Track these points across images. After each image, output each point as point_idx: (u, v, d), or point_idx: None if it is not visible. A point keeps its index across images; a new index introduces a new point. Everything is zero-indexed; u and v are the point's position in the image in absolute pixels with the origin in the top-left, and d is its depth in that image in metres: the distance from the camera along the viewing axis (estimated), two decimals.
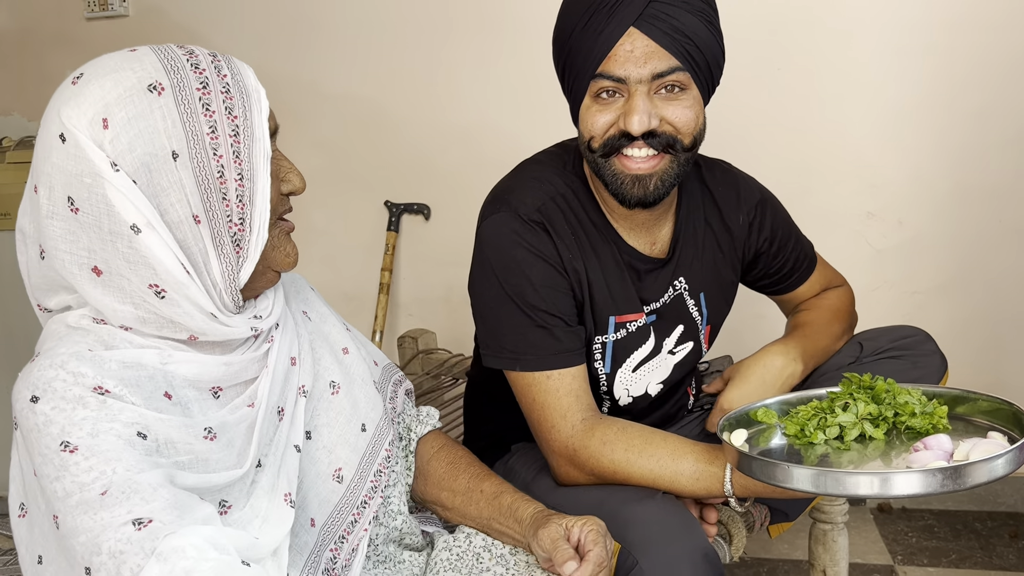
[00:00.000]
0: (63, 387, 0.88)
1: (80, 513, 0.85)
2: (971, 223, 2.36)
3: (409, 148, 2.67)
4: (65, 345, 0.92)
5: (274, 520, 0.98)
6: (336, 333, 1.20)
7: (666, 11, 1.21)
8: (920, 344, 1.48)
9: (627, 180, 1.26)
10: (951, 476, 0.99)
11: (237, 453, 0.98)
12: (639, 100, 1.21)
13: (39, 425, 0.87)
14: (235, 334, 0.99)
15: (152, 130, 0.91)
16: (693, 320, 1.44)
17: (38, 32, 2.90)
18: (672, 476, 1.25)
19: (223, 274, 0.96)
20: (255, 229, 0.97)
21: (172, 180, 0.92)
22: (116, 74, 0.92)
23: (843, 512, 1.71)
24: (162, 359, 0.95)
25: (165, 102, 0.92)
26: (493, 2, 2.54)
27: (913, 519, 2.44)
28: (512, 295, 1.28)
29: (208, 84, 0.94)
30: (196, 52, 0.97)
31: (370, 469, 1.14)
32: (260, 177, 0.96)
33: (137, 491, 0.85)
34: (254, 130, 0.96)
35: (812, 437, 1.17)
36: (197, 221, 0.94)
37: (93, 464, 0.85)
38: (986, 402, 1.19)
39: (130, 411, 0.89)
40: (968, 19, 2.28)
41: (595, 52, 1.23)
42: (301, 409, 1.07)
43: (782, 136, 2.43)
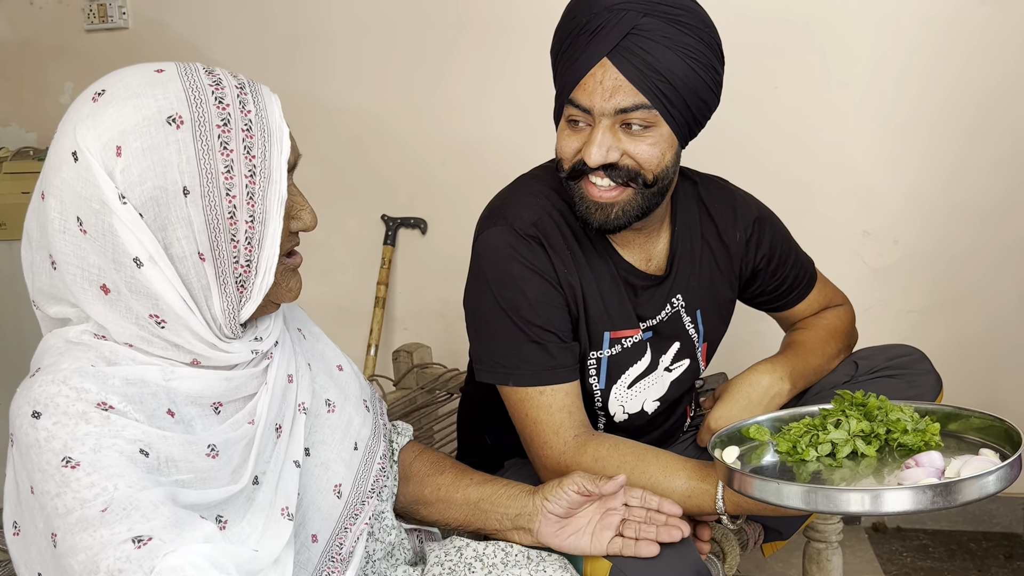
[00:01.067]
0: (66, 403, 0.87)
1: (80, 531, 0.83)
2: (966, 242, 2.37)
3: (406, 162, 2.67)
4: (67, 360, 0.91)
5: (271, 534, 0.97)
6: (330, 351, 1.20)
7: (643, 46, 1.20)
8: (915, 363, 1.48)
9: (590, 205, 1.26)
10: (942, 493, 0.99)
11: (233, 469, 0.97)
12: (599, 132, 1.21)
13: (40, 441, 0.86)
14: (236, 359, 0.98)
15: (165, 163, 0.90)
16: (690, 337, 1.44)
17: (38, 43, 2.91)
18: (664, 493, 1.24)
19: (223, 311, 0.95)
20: (261, 272, 0.95)
21: (180, 216, 0.91)
22: (137, 99, 0.90)
23: (837, 531, 1.70)
24: (165, 376, 0.93)
25: (183, 136, 0.90)
26: (492, 17, 2.55)
27: (908, 539, 2.43)
28: (507, 309, 1.28)
29: (229, 121, 0.92)
30: (223, 83, 0.94)
31: (365, 486, 1.14)
32: (272, 221, 0.94)
33: (138, 508, 0.84)
34: (271, 172, 0.93)
35: (804, 454, 1.17)
36: (202, 259, 0.92)
37: (95, 480, 0.84)
38: (978, 419, 1.19)
39: (133, 428, 0.88)
40: (962, 41, 2.29)
41: (569, 77, 1.24)
42: (301, 426, 1.06)
43: (778, 155, 2.43)
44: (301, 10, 2.68)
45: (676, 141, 1.26)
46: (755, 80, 2.38)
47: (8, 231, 2.46)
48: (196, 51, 2.77)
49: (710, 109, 1.29)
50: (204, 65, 0.97)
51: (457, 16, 2.58)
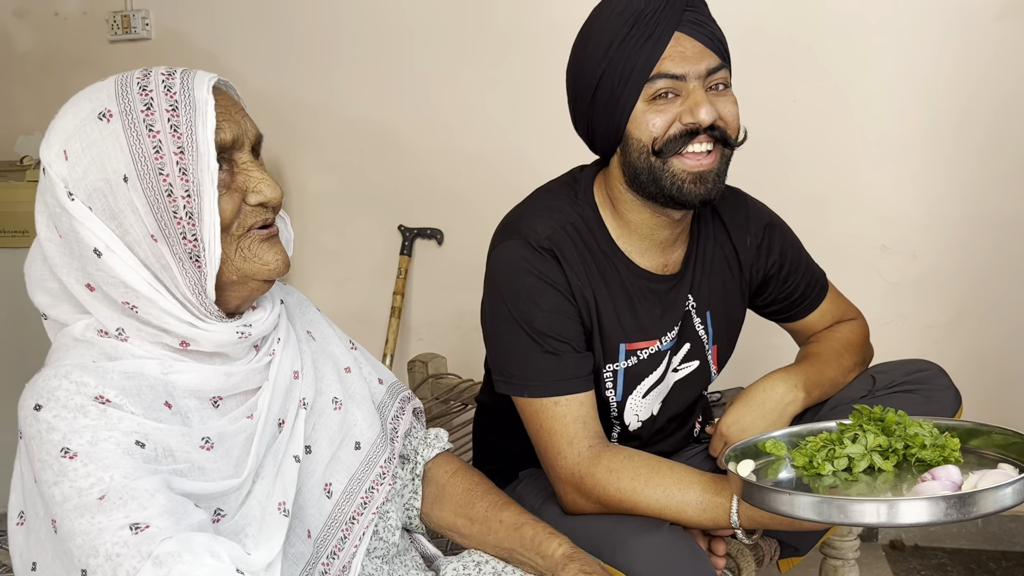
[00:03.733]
0: (65, 396, 0.90)
1: (78, 516, 0.86)
2: (985, 256, 2.35)
3: (423, 172, 2.68)
4: (70, 356, 0.95)
5: (268, 529, 0.99)
6: (339, 353, 1.22)
7: (699, 18, 1.29)
8: (934, 378, 1.46)
9: (687, 179, 1.28)
10: (956, 505, 0.98)
11: (235, 463, 0.99)
12: (700, 94, 1.26)
13: (41, 432, 0.89)
14: (221, 339, 0.99)
15: (103, 156, 0.94)
16: (699, 338, 1.44)
17: (62, 54, 2.95)
18: (678, 506, 1.24)
19: (190, 288, 0.97)
20: (207, 244, 0.97)
21: (126, 203, 0.95)
22: (76, 106, 0.97)
23: (854, 548, 1.69)
24: (163, 369, 0.97)
25: (113, 128, 0.94)
26: (509, 28, 2.57)
27: (926, 557, 2.40)
28: (520, 321, 1.29)
29: (152, 104, 0.95)
30: (151, 73, 0.98)
31: (361, 487, 1.14)
32: (206, 192, 0.96)
33: (135, 497, 0.87)
34: (198, 145, 0.95)
35: (820, 468, 1.16)
36: (154, 240, 0.96)
37: (91, 470, 0.87)
38: (999, 435, 1.17)
39: (129, 420, 0.91)
40: (978, 55, 2.28)
41: (647, 57, 1.26)
42: (302, 421, 1.08)
43: (796, 169, 2.43)
44: (320, 22, 2.71)
45: None
46: (773, 94, 2.38)
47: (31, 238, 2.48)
48: (216, 61, 2.80)
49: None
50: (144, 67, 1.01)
51: (473, 27, 2.59)
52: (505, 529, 1.18)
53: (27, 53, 2.99)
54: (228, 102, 1.00)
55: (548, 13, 2.49)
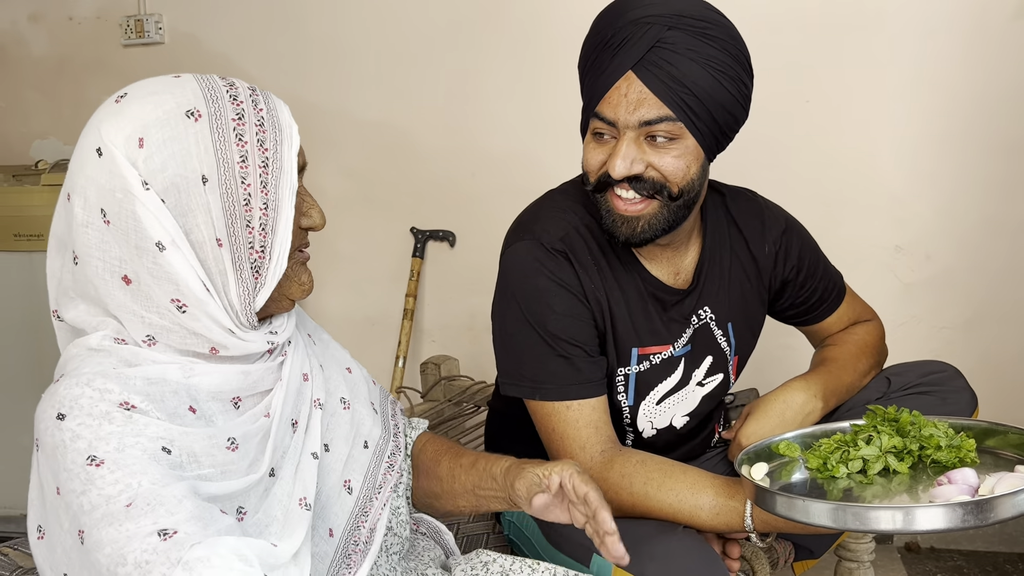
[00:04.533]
0: (89, 404, 0.89)
1: (106, 525, 0.85)
2: (1000, 258, 2.33)
3: (436, 175, 2.69)
4: (89, 365, 0.94)
5: (291, 524, 0.99)
6: (339, 354, 1.24)
7: (668, 59, 1.20)
8: (949, 380, 1.45)
9: (616, 219, 1.27)
10: (974, 511, 0.97)
11: (251, 461, 0.99)
12: (624, 145, 1.22)
13: (65, 441, 0.88)
14: (252, 348, 1.01)
15: (185, 153, 0.95)
16: (722, 351, 1.43)
17: (76, 59, 2.96)
18: (692, 510, 1.23)
19: (240, 297, 0.99)
20: (274, 257, 0.99)
21: (199, 203, 0.95)
22: (157, 96, 0.96)
23: (869, 551, 1.68)
24: (185, 373, 0.97)
25: (200, 128, 0.96)
26: (522, 31, 2.57)
27: (942, 559, 2.39)
28: (533, 324, 1.28)
29: (244, 116, 0.98)
30: (236, 84, 1.01)
31: (374, 483, 1.16)
32: (284, 208, 0.99)
33: (162, 503, 0.86)
34: (283, 163, 0.99)
35: (834, 471, 1.15)
36: (220, 244, 0.96)
37: (119, 477, 0.86)
38: (1016, 435, 1.16)
39: (155, 426, 0.91)
40: (995, 55, 2.27)
41: (595, 90, 1.24)
42: (317, 420, 1.09)
43: (810, 169, 2.42)
44: (333, 26, 2.71)
45: (702, 154, 1.26)
46: (787, 94, 2.37)
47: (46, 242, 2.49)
48: (230, 65, 2.81)
49: (738, 122, 1.29)
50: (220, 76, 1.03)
51: (488, 32, 2.59)
52: (463, 470, 1.20)
53: (42, 58, 3.01)
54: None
55: (563, 17, 2.49)
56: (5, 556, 1.53)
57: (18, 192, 2.55)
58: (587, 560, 1.25)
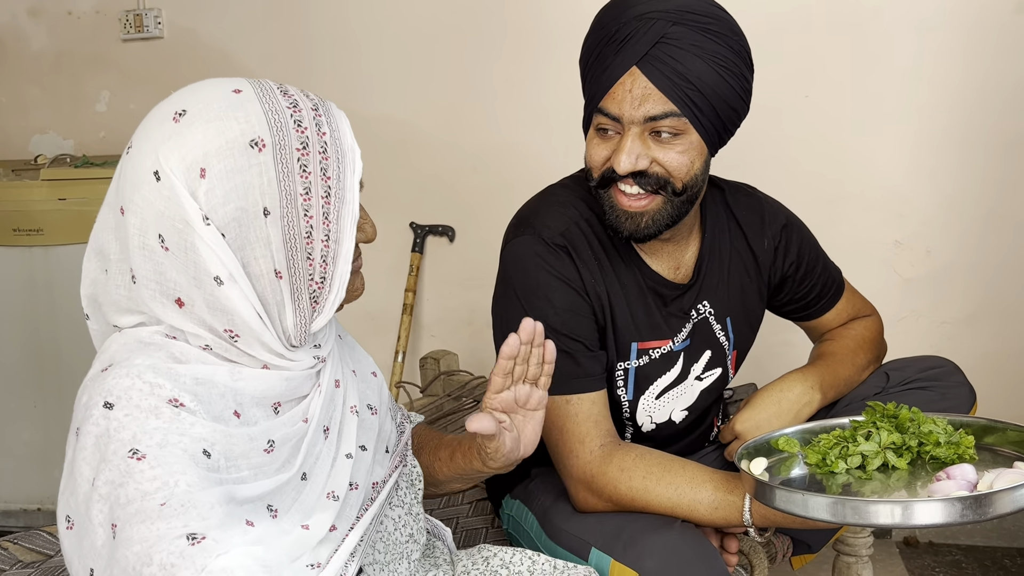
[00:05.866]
0: (139, 396, 0.88)
1: (138, 522, 0.85)
2: (1000, 253, 2.34)
3: (435, 170, 2.69)
4: (140, 357, 0.92)
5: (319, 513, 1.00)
6: (364, 358, 1.21)
7: (673, 54, 1.20)
8: (948, 375, 1.46)
9: (620, 214, 1.27)
10: (972, 506, 0.98)
11: (283, 461, 0.98)
12: (628, 140, 1.22)
13: (111, 430, 0.87)
14: (301, 367, 1.00)
15: (247, 186, 0.91)
16: (721, 345, 1.44)
17: (75, 53, 2.96)
18: (690, 504, 1.23)
19: (296, 325, 0.97)
20: (334, 288, 0.97)
21: (260, 235, 0.92)
22: (220, 122, 0.92)
23: (868, 545, 1.68)
24: (233, 376, 0.95)
25: (264, 159, 0.91)
26: (523, 26, 2.56)
27: (940, 554, 2.39)
28: (533, 316, 1.28)
29: (308, 144, 0.93)
30: (300, 105, 0.95)
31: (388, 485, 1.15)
32: (346, 239, 0.96)
33: (196, 506, 0.86)
34: (345, 192, 0.95)
35: (833, 466, 1.15)
36: (279, 276, 0.94)
37: (158, 474, 0.86)
38: (1014, 432, 1.17)
39: (201, 427, 0.89)
40: (996, 49, 2.26)
41: (599, 86, 1.24)
42: (352, 426, 1.08)
43: (810, 164, 2.42)
44: (333, 20, 2.71)
45: (705, 149, 1.26)
46: (786, 89, 2.37)
47: (45, 237, 2.49)
48: (230, 60, 2.81)
49: (740, 117, 1.29)
50: (276, 84, 0.98)
51: (487, 25, 2.59)
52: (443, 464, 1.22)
53: (41, 52, 3.01)
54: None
55: (565, 12, 2.48)
56: (5, 550, 1.53)
57: (17, 187, 2.54)
58: (585, 554, 1.25)
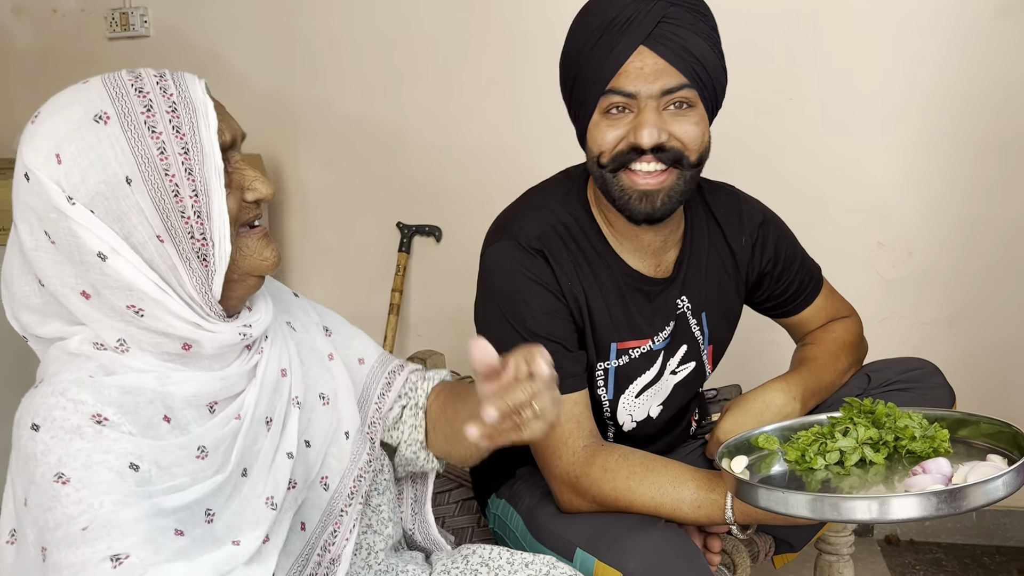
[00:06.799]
0: (62, 415, 0.89)
1: (64, 547, 0.86)
2: (980, 255, 2.36)
3: (422, 170, 2.69)
4: (67, 371, 0.93)
5: (253, 522, 0.99)
6: (319, 341, 1.20)
7: (675, 32, 1.24)
8: (928, 376, 1.48)
9: (634, 196, 1.27)
10: (947, 499, 0.99)
11: (219, 462, 0.98)
12: (649, 114, 1.24)
13: (38, 454, 0.88)
14: (225, 339, 0.99)
15: (103, 159, 0.93)
16: (695, 339, 1.45)
17: (60, 51, 2.95)
18: (673, 503, 1.25)
19: (196, 287, 0.97)
20: (216, 242, 0.97)
21: (130, 204, 0.93)
22: (65, 109, 0.94)
23: (849, 543, 1.70)
24: (161, 382, 0.96)
25: (112, 130, 0.93)
26: (507, 27, 2.57)
27: (921, 552, 2.42)
28: (512, 321, 1.30)
29: (152, 106, 0.95)
30: (142, 75, 0.97)
31: (349, 477, 1.15)
32: (215, 191, 0.96)
33: (118, 526, 0.86)
34: (203, 145, 0.96)
35: (812, 463, 1.17)
36: (160, 240, 0.95)
37: (83, 496, 0.86)
38: (987, 424, 1.19)
39: (125, 441, 0.90)
40: (978, 54, 2.29)
41: (606, 68, 1.25)
42: (294, 419, 1.08)
43: (794, 166, 2.44)
44: (320, 20, 2.71)
45: (707, 121, 1.30)
46: (771, 92, 2.39)
47: None
48: (216, 59, 2.80)
49: (724, 91, 1.33)
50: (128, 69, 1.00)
51: (472, 27, 2.60)
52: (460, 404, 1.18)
53: (26, 50, 2.99)
54: (217, 105, 1.00)
55: (547, 13, 2.49)
56: None
57: (4, 187, 2.52)
58: (570, 554, 1.26)
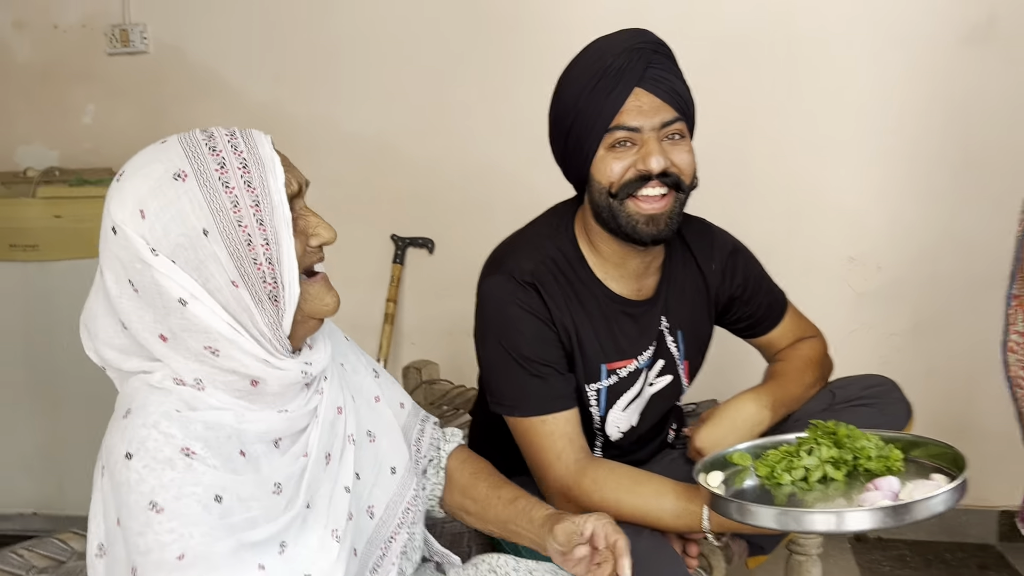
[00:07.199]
0: (155, 447, 0.99)
1: (156, 570, 0.96)
2: (946, 270, 2.48)
3: (416, 184, 2.78)
4: (154, 404, 1.03)
5: (323, 553, 1.10)
6: (367, 382, 1.32)
7: (660, 74, 1.41)
8: (888, 393, 1.61)
9: (641, 220, 1.41)
10: (892, 514, 1.14)
11: (289, 496, 1.09)
12: (654, 144, 1.40)
13: (131, 482, 0.98)
14: (289, 377, 1.09)
15: (182, 213, 1.03)
16: (672, 355, 1.59)
17: (61, 66, 2.99)
18: (657, 513, 1.38)
19: (268, 325, 1.07)
20: (286, 285, 1.07)
21: (207, 253, 1.03)
22: (147, 167, 1.05)
23: (817, 544, 1.83)
24: (238, 419, 1.06)
25: (189, 187, 1.03)
26: (502, 46, 2.66)
27: (888, 549, 2.56)
28: (508, 348, 1.43)
29: (225, 163, 1.05)
30: (215, 134, 1.07)
31: (398, 508, 1.26)
32: (284, 239, 1.06)
33: (208, 558, 0.96)
34: (272, 197, 1.05)
35: (780, 478, 1.30)
36: (235, 285, 1.04)
37: (174, 527, 0.96)
38: (935, 447, 1.33)
39: (211, 475, 1.00)
40: (946, 77, 2.41)
41: (607, 109, 1.40)
42: (350, 455, 1.19)
43: (770, 184, 2.55)
44: (317, 38, 2.78)
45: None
46: (746, 111, 2.49)
47: (40, 252, 2.57)
48: (214, 76, 2.87)
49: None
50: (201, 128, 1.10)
51: (466, 46, 2.69)
52: (503, 503, 1.32)
53: (26, 64, 3.02)
54: (283, 158, 1.10)
55: (540, 36, 2.59)
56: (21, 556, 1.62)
57: (13, 204, 2.60)
58: None
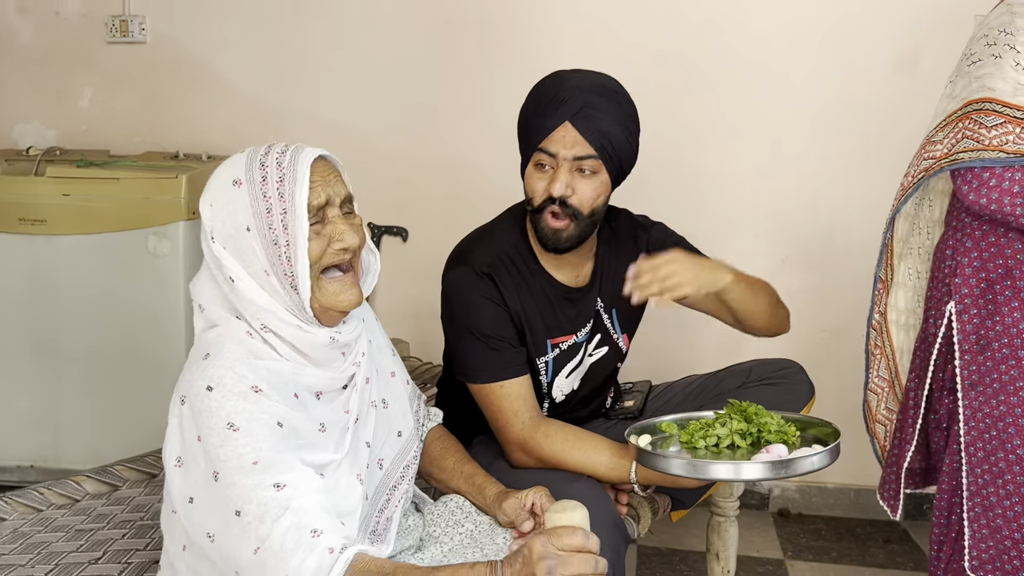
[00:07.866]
0: (231, 383, 1.22)
1: (237, 472, 1.17)
2: (871, 272, 2.74)
3: (392, 176, 2.97)
4: (229, 351, 1.26)
5: (350, 490, 1.34)
6: (386, 360, 1.55)
7: (593, 115, 1.62)
8: (795, 375, 1.90)
9: (548, 232, 1.67)
10: (776, 467, 1.44)
11: (335, 443, 1.33)
12: (563, 172, 1.63)
13: (212, 408, 1.20)
14: (316, 340, 1.32)
15: (235, 212, 1.28)
16: (607, 329, 1.84)
17: (61, 51, 3.13)
18: (594, 465, 1.64)
19: (294, 307, 1.31)
20: (300, 278, 1.28)
21: (247, 245, 1.28)
22: (223, 172, 1.32)
23: (735, 507, 2.10)
24: (294, 370, 1.30)
25: (241, 192, 1.28)
26: (478, 47, 2.86)
27: (806, 523, 2.84)
28: (470, 327, 1.68)
29: (267, 176, 1.27)
30: (271, 150, 1.30)
31: (400, 463, 1.51)
32: (300, 242, 1.27)
33: (277, 464, 1.18)
34: (296, 207, 1.27)
35: (696, 443, 1.57)
36: (267, 274, 1.28)
37: (248, 441, 1.18)
38: (820, 426, 1.61)
39: (274, 407, 1.23)
40: (878, 98, 2.66)
41: (540, 132, 1.64)
42: (372, 417, 1.43)
43: (712, 190, 2.79)
44: (305, 34, 2.97)
45: (610, 186, 1.69)
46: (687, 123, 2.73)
47: (48, 227, 2.72)
48: (207, 67, 3.04)
49: (632, 164, 1.72)
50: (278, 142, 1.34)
51: (443, 47, 2.89)
52: (463, 478, 1.59)
53: (27, 46, 3.15)
54: (327, 170, 1.31)
55: (515, 33, 2.80)
56: (41, 494, 1.83)
57: (23, 181, 2.74)
58: None
